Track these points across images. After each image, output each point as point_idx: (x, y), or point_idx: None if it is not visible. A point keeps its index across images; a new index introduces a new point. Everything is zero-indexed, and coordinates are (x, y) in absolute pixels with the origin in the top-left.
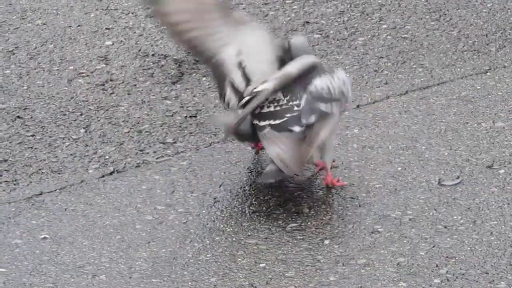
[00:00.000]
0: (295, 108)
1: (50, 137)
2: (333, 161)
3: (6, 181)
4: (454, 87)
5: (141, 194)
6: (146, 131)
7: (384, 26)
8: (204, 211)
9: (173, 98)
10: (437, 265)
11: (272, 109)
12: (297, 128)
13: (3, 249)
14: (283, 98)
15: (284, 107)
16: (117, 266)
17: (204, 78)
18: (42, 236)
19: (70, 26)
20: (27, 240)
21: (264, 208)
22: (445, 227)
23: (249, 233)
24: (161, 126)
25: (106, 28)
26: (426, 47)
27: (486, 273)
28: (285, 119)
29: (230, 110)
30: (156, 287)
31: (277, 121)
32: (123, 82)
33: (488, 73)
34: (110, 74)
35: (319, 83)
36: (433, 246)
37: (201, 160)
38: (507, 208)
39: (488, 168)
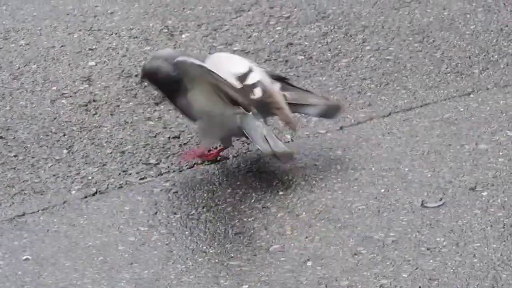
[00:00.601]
0: None
1: (32, 157)
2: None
3: None
4: (437, 109)
5: (124, 215)
6: (129, 152)
7: (368, 47)
8: (187, 233)
9: (156, 119)
10: (420, 287)
11: None
12: None
13: None
14: None
15: None
16: None
17: None
18: (24, 257)
19: (53, 47)
20: (9, 261)
21: (247, 229)
22: (428, 249)
23: (232, 255)
24: (144, 147)
25: (90, 49)
26: (410, 68)
27: None
28: None
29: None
30: None
31: None
32: (106, 103)
33: (471, 95)
34: (93, 94)
35: None
36: (416, 268)
37: (184, 181)
38: (490, 230)
39: (471, 190)
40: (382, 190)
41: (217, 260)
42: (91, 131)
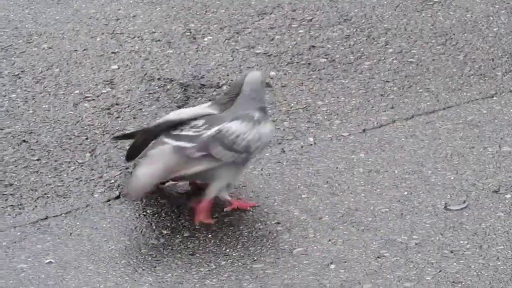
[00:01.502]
0: (203, 134)
1: (55, 161)
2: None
3: (11, 205)
4: (460, 112)
5: (146, 218)
6: None
7: (390, 50)
8: (210, 236)
9: None
10: None
11: (190, 133)
12: (188, 145)
13: (9, 273)
14: (200, 125)
15: (197, 133)
16: None
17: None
18: (48, 261)
19: (76, 50)
20: (32, 265)
21: (270, 232)
22: (452, 252)
23: (255, 258)
24: None
25: (112, 52)
26: (432, 71)
27: None
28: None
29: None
30: None
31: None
32: (128, 106)
33: (494, 98)
34: (116, 98)
35: (233, 126)
36: (440, 271)
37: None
38: None
39: (495, 193)
40: (405, 193)
41: (240, 263)
42: (114, 135)
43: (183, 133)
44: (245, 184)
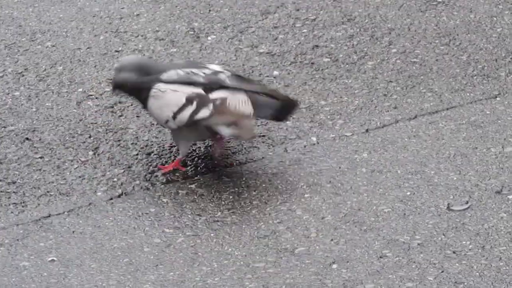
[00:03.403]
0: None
1: (58, 159)
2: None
3: (14, 203)
4: (464, 112)
5: (149, 217)
6: (155, 154)
7: (394, 50)
8: (212, 235)
9: None
10: None
11: None
12: None
13: (11, 271)
14: None
15: None
16: None
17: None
18: (50, 259)
19: (79, 48)
20: (34, 263)
21: (272, 232)
22: (454, 252)
23: (257, 257)
24: (169, 149)
25: (116, 51)
26: (436, 71)
27: None
28: None
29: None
30: None
31: None
32: (132, 105)
33: (497, 98)
34: (119, 96)
35: None
36: (442, 271)
37: (210, 184)
38: None
39: (497, 194)
40: (408, 193)
41: (242, 262)
42: (117, 133)
43: None
44: (248, 183)
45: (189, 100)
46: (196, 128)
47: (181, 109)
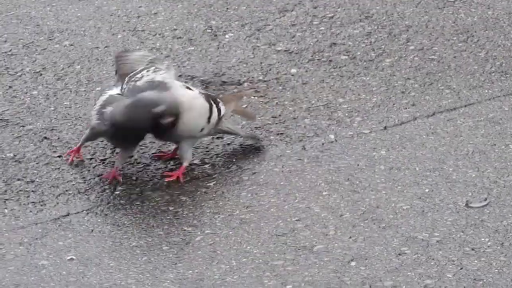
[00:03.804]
0: None
1: (77, 158)
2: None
3: (33, 202)
4: (482, 109)
5: (168, 215)
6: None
7: (412, 47)
8: (231, 233)
9: None
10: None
11: None
12: None
13: (30, 270)
14: None
15: None
16: None
17: None
18: (69, 257)
19: (97, 47)
20: (53, 261)
21: (290, 229)
22: (473, 249)
23: (276, 255)
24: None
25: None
26: (454, 68)
27: None
28: None
29: None
30: None
31: None
32: None
33: None
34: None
35: None
36: (461, 269)
37: (228, 182)
38: None
39: None
40: (427, 190)
41: (261, 260)
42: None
43: None
44: (266, 181)
45: (208, 101)
46: (212, 129)
47: (211, 110)
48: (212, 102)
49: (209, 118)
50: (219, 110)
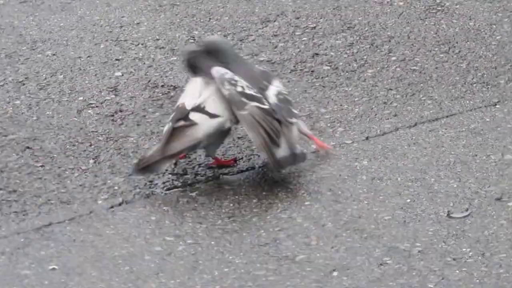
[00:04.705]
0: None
1: (59, 167)
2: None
3: (15, 212)
4: (463, 120)
5: (150, 225)
6: None
7: (393, 58)
8: (213, 243)
9: None
10: None
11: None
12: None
13: (12, 280)
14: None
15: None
16: None
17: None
18: (51, 267)
19: (80, 57)
20: (36, 271)
21: (272, 239)
22: (454, 259)
23: (258, 265)
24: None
25: (116, 59)
26: (435, 79)
27: None
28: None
29: None
30: None
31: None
32: (132, 113)
33: (497, 106)
34: (120, 105)
35: None
36: (442, 279)
37: (210, 192)
38: None
39: (497, 201)
40: (408, 200)
41: (243, 270)
42: (117, 141)
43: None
44: (248, 191)
45: None
46: None
47: None
48: None
49: None
50: None
